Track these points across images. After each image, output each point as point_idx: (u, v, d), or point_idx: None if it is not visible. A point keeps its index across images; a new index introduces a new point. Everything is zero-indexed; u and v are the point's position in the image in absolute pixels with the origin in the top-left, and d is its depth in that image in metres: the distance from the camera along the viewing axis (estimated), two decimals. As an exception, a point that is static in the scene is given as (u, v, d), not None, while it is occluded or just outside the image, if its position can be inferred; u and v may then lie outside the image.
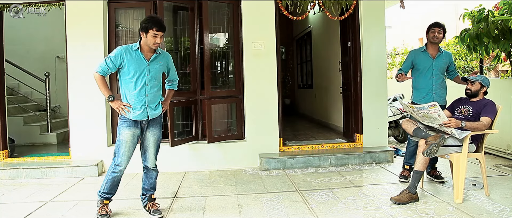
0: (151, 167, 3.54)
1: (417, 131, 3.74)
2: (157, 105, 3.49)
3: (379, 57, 5.57)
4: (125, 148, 3.35)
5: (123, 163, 3.38)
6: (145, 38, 3.32)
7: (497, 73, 9.68)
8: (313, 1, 5.42)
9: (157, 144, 3.53)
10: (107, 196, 3.46)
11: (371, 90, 5.54)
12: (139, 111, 3.36)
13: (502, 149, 5.41)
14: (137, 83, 3.34)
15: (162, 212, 3.55)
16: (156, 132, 3.49)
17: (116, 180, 3.44)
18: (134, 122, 3.37)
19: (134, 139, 3.40)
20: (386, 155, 5.28)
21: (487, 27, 4.28)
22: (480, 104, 3.78)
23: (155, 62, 3.42)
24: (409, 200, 3.58)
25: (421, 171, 3.62)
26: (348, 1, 5.48)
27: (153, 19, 3.33)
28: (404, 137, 6.75)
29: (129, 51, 3.35)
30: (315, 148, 5.57)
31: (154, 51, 3.41)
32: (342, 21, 6.10)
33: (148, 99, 3.39)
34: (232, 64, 5.64)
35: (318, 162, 5.16)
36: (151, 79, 3.39)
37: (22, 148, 6.33)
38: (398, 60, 10.37)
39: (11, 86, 7.28)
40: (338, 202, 3.73)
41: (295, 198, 3.89)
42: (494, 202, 3.55)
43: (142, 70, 3.35)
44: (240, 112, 5.51)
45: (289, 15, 5.42)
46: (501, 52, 4.62)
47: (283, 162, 5.12)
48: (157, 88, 3.46)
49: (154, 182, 3.60)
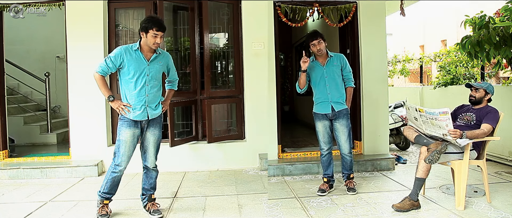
0: (151, 167, 3.54)
1: (418, 138, 3.72)
2: (157, 105, 3.49)
3: (379, 64, 5.53)
4: (125, 148, 3.35)
5: (123, 163, 3.38)
6: (145, 38, 3.33)
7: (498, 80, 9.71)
8: (312, 8, 5.41)
9: (157, 144, 3.52)
10: (107, 196, 3.45)
11: (371, 97, 5.51)
12: (139, 111, 3.36)
13: (503, 156, 5.40)
14: (137, 83, 3.35)
15: (162, 212, 3.54)
16: (156, 132, 3.49)
17: (116, 180, 3.44)
18: (134, 122, 3.37)
19: (134, 139, 3.39)
20: (388, 162, 5.24)
21: (488, 33, 4.27)
22: (483, 111, 3.76)
23: (155, 62, 3.42)
24: (410, 208, 3.56)
25: (423, 178, 3.59)
26: (347, 8, 5.49)
27: (153, 19, 3.34)
28: (405, 144, 6.73)
29: (129, 51, 3.35)
30: (314, 155, 5.51)
31: (154, 51, 3.42)
32: (341, 28, 6.07)
33: (148, 99, 3.39)
34: (232, 64, 5.65)
35: (317, 169, 5.11)
36: (151, 79, 3.39)
37: (22, 148, 6.33)
38: (399, 67, 10.38)
39: (11, 86, 7.28)
40: (337, 209, 3.69)
41: (294, 205, 3.85)
42: (496, 209, 3.54)
43: (142, 70, 3.35)
44: (240, 112, 5.51)
45: (288, 21, 5.38)
46: (502, 59, 4.60)
47: (282, 169, 5.07)
48: (157, 88, 3.46)
49: (154, 182, 3.59)
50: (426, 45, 16.04)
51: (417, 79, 11.07)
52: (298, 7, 5.40)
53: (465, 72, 7.59)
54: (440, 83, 7.40)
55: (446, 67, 7.80)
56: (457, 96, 6.67)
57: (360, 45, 5.54)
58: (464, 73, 7.58)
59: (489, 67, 6.76)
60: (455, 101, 4.45)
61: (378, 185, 4.55)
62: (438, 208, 3.65)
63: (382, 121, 5.58)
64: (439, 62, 8.38)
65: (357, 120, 5.63)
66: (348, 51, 5.91)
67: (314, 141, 7.05)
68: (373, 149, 5.52)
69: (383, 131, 5.59)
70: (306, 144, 6.77)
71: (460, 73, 7.51)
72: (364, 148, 5.55)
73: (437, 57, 8.68)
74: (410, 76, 11.65)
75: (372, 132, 5.54)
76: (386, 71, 5.74)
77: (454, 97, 6.76)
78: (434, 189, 4.25)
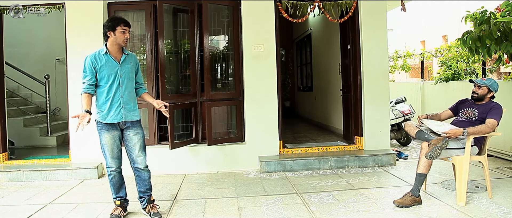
0: (142, 167, 3.50)
1: (420, 133, 3.71)
2: (134, 106, 3.47)
3: (380, 59, 5.55)
4: (109, 151, 3.39)
5: (113, 164, 3.43)
6: (114, 37, 3.36)
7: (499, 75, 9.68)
8: (313, 4, 5.42)
9: (141, 143, 3.49)
10: (116, 197, 3.52)
11: (372, 93, 5.52)
12: (114, 113, 3.36)
13: (505, 151, 5.38)
14: (111, 86, 3.36)
15: (162, 215, 3.53)
16: (139, 131, 3.49)
17: (115, 181, 3.47)
18: (111, 125, 3.37)
19: (116, 140, 3.41)
20: (389, 158, 5.25)
21: (489, 29, 4.26)
22: (486, 107, 3.73)
23: (125, 62, 3.45)
24: (412, 203, 3.55)
25: (424, 173, 3.59)
26: (348, 4, 5.48)
27: (117, 17, 3.43)
28: (406, 140, 6.72)
29: (97, 57, 3.38)
30: (315, 150, 5.55)
31: (122, 52, 3.44)
32: (342, 24, 6.09)
33: (123, 100, 3.41)
34: (232, 67, 5.63)
35: (318, 165, 5.14)
36: (124, 79, 3.41)
37: (22, 151, 6.31)
38: (400, 62, 10.35)
39: (11, 89, 7.28)
40: (338, 204, 3.71)
41: (295, 201, 3.87)
42: (497, 205, 3.53)
43: (115, 71, 3.38)
44: (240, 114, 5.49)
45: (289, 17, 5.42)
46: (503, 54, 4.60)
47: (283, 165, 5.10)
48: (130, 89, 3.48)
49: (148, 182, 3.57)
50: (427, 41, 16.00)
51: (418, 74, 11.06)
52: (299, 2, 5.40)
53: (466, 67, 7.56)
54: (441, 79, 7.39)
55: (447, 62, 7.78)
56: (458, 91, 6.65)
57: (361, 40, 5.55)
58: (465, 69, 7.55)
59: (490, 62, 6.73)
60: (456, 96, 4.43)
61: (379, 180, 4.55)
62: (439, 203, 3.64)
63: (383, 116, 5.58)
64: (440, 58, 8.36)
65: (358, 116, 5.63)
66: (349, 46, 5.92)
67: (315, 137, 7.07)
68: (374, 144, 5.53)
69: (384, 126, 5.59)
70: (307, 139, 6.79)
71: (461, 69, 7.49)
72: (365, 143, 5.55)
73: (438, 53, 8.66)
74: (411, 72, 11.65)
75: (373, 128, 5.55)
76: (387, 67, 5.73)
77: (455, 92, 6.73)
78: (435, 185, 4.24)
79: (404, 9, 5.65)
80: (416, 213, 3.41)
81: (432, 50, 9.04)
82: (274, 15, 5.35)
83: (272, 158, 5.19)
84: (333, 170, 5.10)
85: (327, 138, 6.88)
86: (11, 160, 5.38)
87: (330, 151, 5.56)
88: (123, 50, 3.46)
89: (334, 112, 7.56)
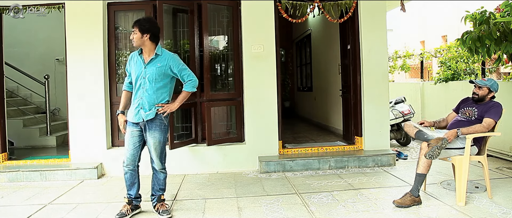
0: (158, 168, 3.57)
1: (419, 133, 3.72)
2: (151, 107, 3.41)
3: (380, 60, 5.55)
4: (126, 146, 3.48)
5: (127, 160, 3.48)
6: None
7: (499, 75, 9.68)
8: (313, 4, 5.42)
9: (156, 146, 3.47)
10: (127, 194, 3.57)
11: (372, 93, 5.52)
12: (134, 113, 3.42)
13: (504, 151, 5.38)
14: (136, 86, 3.44)
15: (171, 212, 3.60)
16: (156, 135, 3.46)
17: (126, 178, 3.53)
18: (132, 123, 3.45)
19: (134, 137, 3.45)
20: (388, 158, 5.25)
21: (489, 29, 4.26)
22: (486, 106, 3.74)
23: (152, 64, 3.41)
24: (411, 203, 3.55)
25: (424, 174, 3.59)
26: (347, 4, 5.48)
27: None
28: (406, 140, 6.72)
29: (134, 56, 3.50)
30: (315, 150, 5.55)
31: (155, 53, 3.41)
32: (341, 24, 6.10)
33: (142, 101, 3.41)
34: (232, 67, 5.63)
35: (317, 165, 5.14)
36: (146, 81, 3.39)
37: (21, 151, 6.31)
38: (399, 62, 10.36)
39: (10, 89, 7.28)
40: (338, 204, 3.71)
41: (295, 201, 3.87)
42: (497, 205, 3.53)
43: (140, 72, 3.40)
44: (240, 114, 5.49)
45: (288, 17, 5.42)
46: (503, 54, 4.60)
47: (282, 165, 5.10)
48: (153, 91, 3.40)
49: (162, 183, 3.63)
50: (426, 41, 16.00)
51: (417, 74, 11.07)
52: (299, 3, 5.41)
53: (466, 67, 7.57)
54: (441, 79, 7.40)
55: (447, 62, 7.78)
56: (458, 91, 6.65)
57: (360, 41, 5.55)
58: (464, 69, 7.56)
59: (490, 62, 6.73)
60: (455, 96, 4.44)
61: (379, 181, 4.55)
62: (439, 203, 3.64)
63: (383, 116, 5.59)
64: (439, 58, 8.37)
65: (358, 116, 5.63)
66: (348, 47, 5.93)
67: (314, 137, 7.07)
68: (374, 145, 5.53)
69: (383, 127, 5.59)
70: (306, 139, 6.79)
71: (460, 69, 7.50)
72: (365, 144, 5.56)
73: (437, 53, 8.66)
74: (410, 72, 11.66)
75: (373, 128, 5.55)
76: (387, 67, 5.73)
77: (455, 93, 6.74)
78: (435, 185, 4.24)
79: (404, 9, 5.65)
80: (415, 213, 3.41)
81: (432, 50, 9.06)
82: (274, 15, 5.35)
83: (271, 158, 5.19)
84: (332, 170, 5.10)
85: (327, 138, 6.88)
86: (11, 160, 5.38)
87: (330, 151, 5.56)
88: (156, 50, 3.40)
89: (334, 112, 7.56)
